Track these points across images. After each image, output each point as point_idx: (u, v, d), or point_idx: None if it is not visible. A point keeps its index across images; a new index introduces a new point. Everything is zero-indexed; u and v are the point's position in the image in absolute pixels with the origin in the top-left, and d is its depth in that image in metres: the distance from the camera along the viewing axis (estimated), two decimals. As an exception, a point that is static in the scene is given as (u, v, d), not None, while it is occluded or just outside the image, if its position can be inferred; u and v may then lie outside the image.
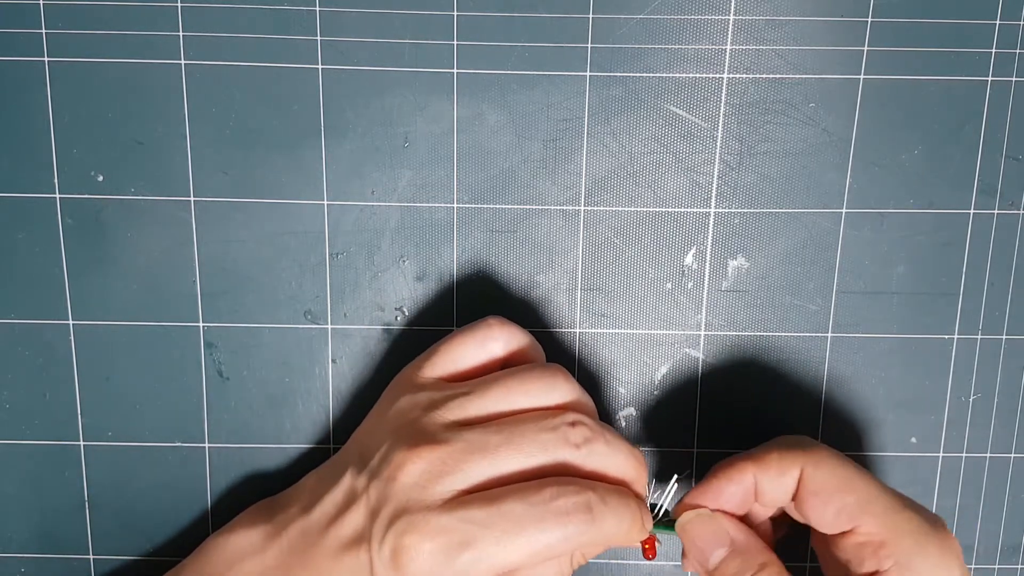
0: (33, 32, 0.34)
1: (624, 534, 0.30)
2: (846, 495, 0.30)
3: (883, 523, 0.29)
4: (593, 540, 0.29)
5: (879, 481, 0.30)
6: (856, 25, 0.35)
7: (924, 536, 0.29)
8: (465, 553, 0.28)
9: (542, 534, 0.28)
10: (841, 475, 0.30)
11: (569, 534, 0.28)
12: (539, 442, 0.29)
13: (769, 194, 0.36)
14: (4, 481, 0.37)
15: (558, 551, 0.28)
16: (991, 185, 0.36)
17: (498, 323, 0.32)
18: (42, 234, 0.36)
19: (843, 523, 0.30)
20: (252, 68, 0.35)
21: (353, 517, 0.30)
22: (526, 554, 0.28)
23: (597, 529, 0.29)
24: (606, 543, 0.30)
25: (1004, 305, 0.37)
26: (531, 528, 0.28)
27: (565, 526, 0.28)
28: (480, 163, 0.35)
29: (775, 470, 0.30)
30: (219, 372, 0.37)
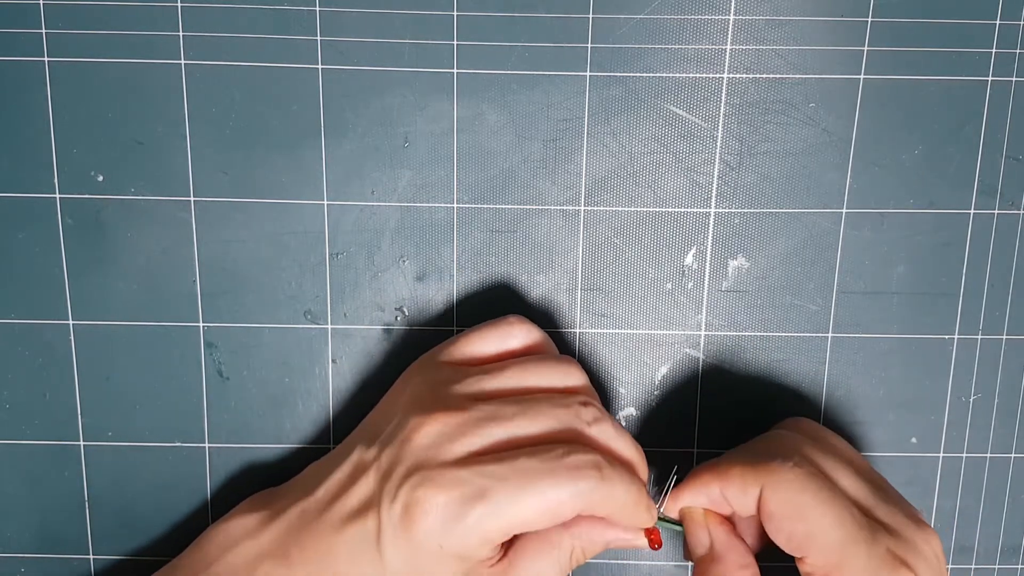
0: (33, 32, 0.34)
1: (631, 507, 0.30)
2: (797, 523, 0.30)
3: (831, 557, 0.29)
4: (603, 501, 0.29)
5: (841, 507, 0.29)
6: (856, 25, 0.35)
7: (872, 574, 0.29)
8: (479, 506, 0.28)
9: (554, 489, 0.28)
10: (796, 502, 0.30)
11: (580, 490, 0.28)
12: (552, 415, 0.30)
13: (769, 194, 0.36)
14: (4, 481, 0.37)
15: (568, 508, 0.28)
16: (991, 185, 0.36)
17: (518, 320, 0.33)
18: (42, 234, 0.36)
19: (793, 550, 0.30)
20: (252, 68, 0.35)
21: (361, 487, 0.30)
22: (538, 509, 0.28)
23: (607, 490, 0.29)
24: (614, 511, 0.30)
25: (1004, 305, 0.37)
26: (544, 482, 0.28)
27: (576, 482, 0.28)
28: (480, 163, 0.35)
29: (736, 487, 0.31)
30: (219, 372, 0.37)
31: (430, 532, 0.28)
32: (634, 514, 0.30)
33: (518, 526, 0.29)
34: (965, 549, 0.38)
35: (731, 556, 0.31)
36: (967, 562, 0.38)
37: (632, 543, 0.32)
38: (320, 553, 0.30)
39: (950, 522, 0.38)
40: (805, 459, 0.31)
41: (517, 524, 0.28)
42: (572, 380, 0.32)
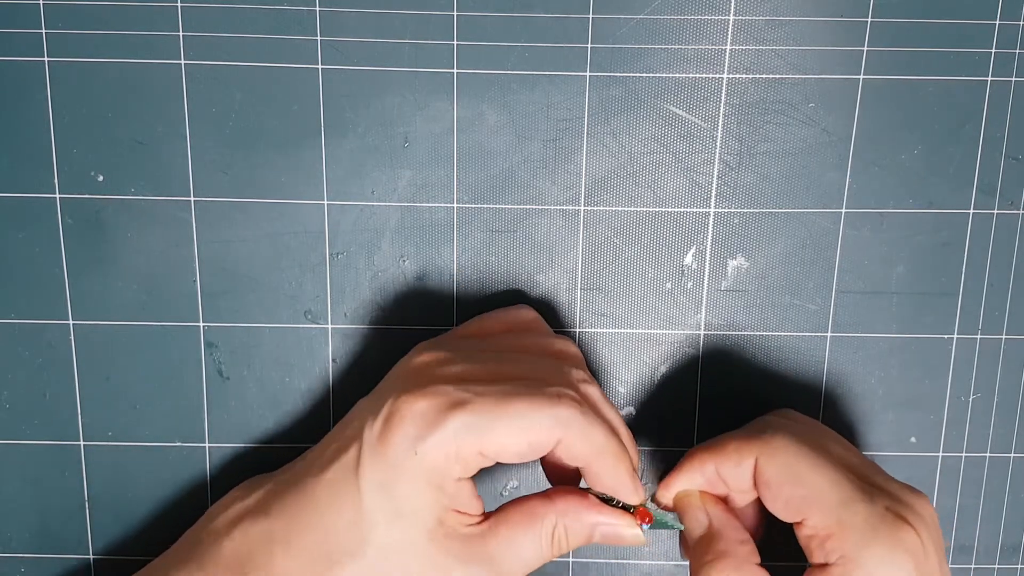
0: (33, 32, 0.34)
1: (612, 460, 0.30)
2: (795, 487, 0.30)
3: (829, 517, 0.29)
4: (582, 436, 0.29)
5: (836, 470, 0.30)
6: (856, 25, 0.35)
7: (872, 530, 0.29)
8: (458, 414, 0.28)
9: (534, 410, 0.28)
10: (792, 467, 0.30)
11: (560, 416, 0.28)
12: (543, 367, 0.30)
13: (769, 194, 0.36)
14: (4, 481, 0.37)
15: (546, 434, 0.28)
16: (991, 185, 0.36)
17: (527, 308, 0.34)
18: (42, 234, 0.36)
19: (792, 515, 0.30)
20: (252, 68, 0.35)
21: (347, 431, 0.31)
22: (516, 428, 0.28)
23: (587, 426, 0.29)
24: (593, 457, 0.29)
25: (1004, 305, 0.37)
26: (525, 402, 0.28)
27: (556, 407, 0.28)
28: (480, 163, 0.35)
29: (732, 460, 0.31)
30: (219, 372, 0.37)
31: (406, 436, 0.28)
32: (615, 471, 0.30)
33: (494, 445, 0.28)
34: (965, 548, 0.38)
35: (729, 532, 0.31)
36: (967, 561, 0.38)
37: (619, 531, 0.31)
38: (300, 504, 0.30)
39: (950, 522, 0.38)
40: (796, 432, 0.31)
41: (494, 442, 0.28)
42: (569, 350, 0.32)
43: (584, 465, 0.30)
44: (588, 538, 0.31)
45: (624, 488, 0.30)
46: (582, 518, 0.30)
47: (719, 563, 0.31)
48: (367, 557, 0.29)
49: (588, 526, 0.30)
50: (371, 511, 0.29)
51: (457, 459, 0.29)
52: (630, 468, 0.30)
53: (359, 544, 0.29)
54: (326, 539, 0.30)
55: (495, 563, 0.30)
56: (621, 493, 0.30)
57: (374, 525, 0.29)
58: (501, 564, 0.30)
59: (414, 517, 0.29)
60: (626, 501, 0.30)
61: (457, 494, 0.29)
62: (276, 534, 0.30)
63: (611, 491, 0.30)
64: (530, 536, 0.30)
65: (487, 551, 0.30)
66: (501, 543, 0.30)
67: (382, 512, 0.29)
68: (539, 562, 0.30)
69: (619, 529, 0.31)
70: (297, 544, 0.30)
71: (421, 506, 0.29)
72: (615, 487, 0.30)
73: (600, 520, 0.30)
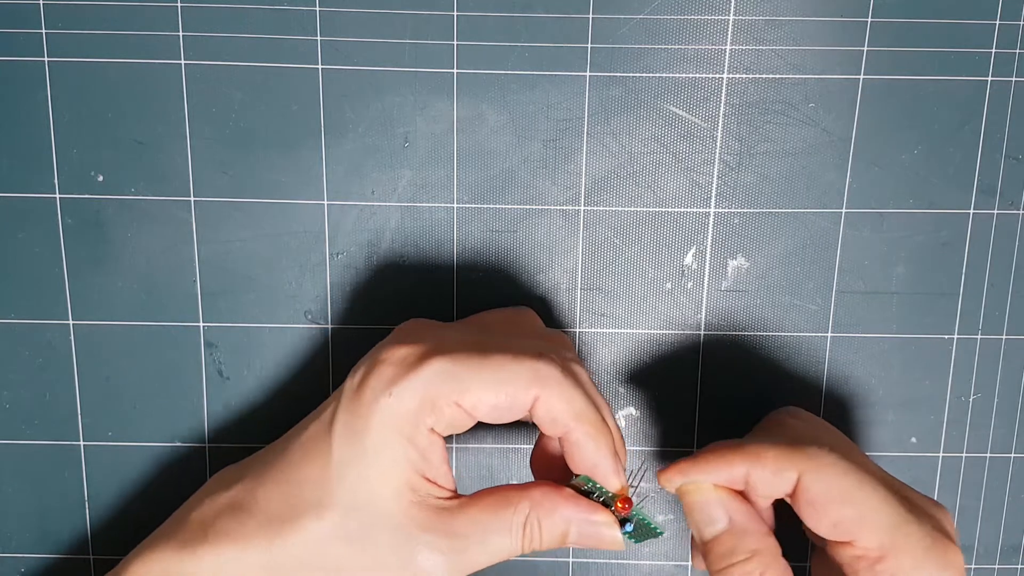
0: (33, 32, 0.34)
1: (591, 429, 0.29)
2: (845, 507, 0.29)
3: (882, 539, 0.28)
4: (560, 397, 0.28)
5: (884, 487, 0.29)
6: (856, 25, 0.35)
7: (924, 552, 0.28)
8: (436, 359, 0.28)
9: (513, 363, 0.28)
10: (842, 486, 0.29)
11: (540, 372, 0.28)
12: (531, 346, 0.30)
13: (769, 194, 0.36)
14: (4, 481, 0.37)
15: (523, 389, 0.28)
16: (991, 185, 0.36)
17: (526, 308, 0.34)
18: (42, 234, 0.36)
19: (840, 535, 0.29)
20: (252, 68, 0.35)
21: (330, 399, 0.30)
22: (493, 379, 0.28)
23: (566, 387, 0.28)
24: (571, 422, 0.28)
25: (1004, 305, 0.37)
26: (504, 355, 0.28)
27: (537, 364, 0.28)
28: (480, 163, 0.35)
29: (770, 470, 0.29)
30: (219, 372, 0.37)
31: (383, 378, 0.28)
32: (596, 442, 0.29)
33: (471, 395, 0.28)
34: (965, 549, 0.38)
35: (755, 526, 0.30)
36: (967, 562, 0.38)
37: (596, 529, 0.29)
38: (271, 465, 0.30)
39: (950, 522, 0.38)
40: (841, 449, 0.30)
41: (470, 391, 0.28)
42: (562, 339, 0.32)
43: (564, 432, 0.29)
44: (563, 536, 0.29)
45: (604, 464, 0.29)
46: (557, 509, 0.29)
47: (755, 560, 0.29)
48: (329, 512, 0.29)
49: (563, 520, 0.29)
50: (340, 463, 0.29)
51: (432, 408, 0.28)
52: (611, 444, 0.29)
53: (324, 499, 0.29)
54: (291, 493, 0.29)
55: (460, 544, 0.28)
56: (600, 470, 0.29)
57: (341, 479, 0.28)
58: (466, 546, 0.29)
59: (382, 474, 0.28)
60: (606, 483, 0.29)
61: (429, 453, 0.28)
62: (244, 499, 0.30)
63: (590, 468, 0.29)
64: (501, 521, 0.29)
65: (454, 529, 0.28)
66: (469, 524, 0.29)
67: (350, 465, 0.28)
68: (506, 553, 0.29)
69: (597, 528, 0.29)
70: (264, 502, 0.30)
71: (390, 461, 0.28)
72: (595, 462, 0.29)
73: (576, 514, 0.29)
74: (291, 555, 0.29)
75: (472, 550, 0.29)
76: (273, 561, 0.29)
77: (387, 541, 0.28)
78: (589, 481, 0.29)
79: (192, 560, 0.30)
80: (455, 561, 0.28)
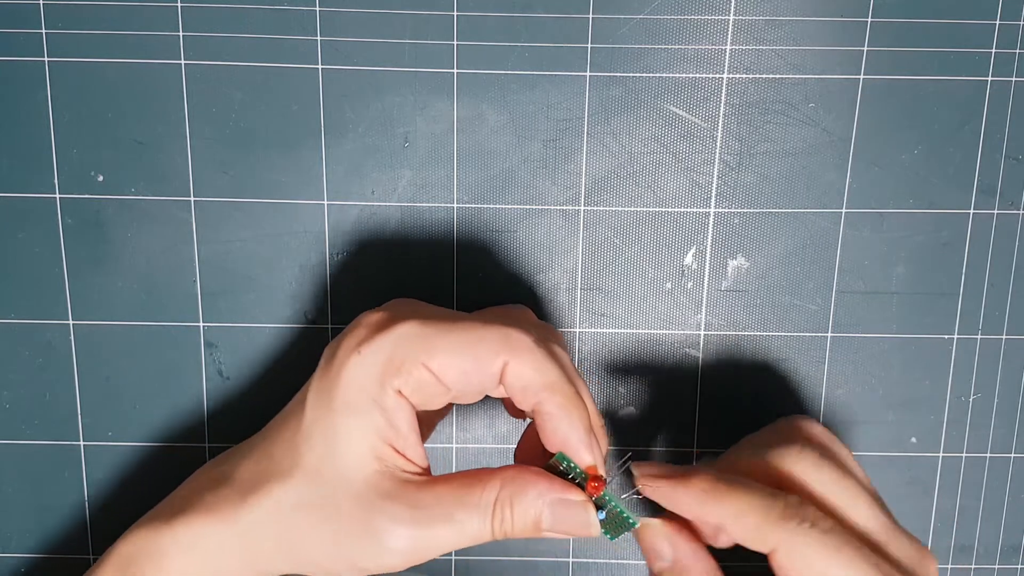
0: (33, 32, 0.34)
1: (563, 400, 0.28)
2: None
3: None
4: (531, 362, 0.28)
5: (863, 565, 0.27)
6: (856, 25, 0.35)
7: None
8: (409, 321, 0.28)
9: (484, 329, 0.28)
10: (818, 567, 0.27)
11: (509, 337, 0.28)
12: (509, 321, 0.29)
13: (769, 194, 0.36)
14: (4, 481, 0.37)
15: (492, 354, 0.27)
16: (991, 185, 0.36)
17: (526, 308, 0.33)
18: (42, 234, 0.36)
19: None
20: (252, 68, 0.35)
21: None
22: (463, 340, 0.28)
23: (538, 355, 0.28)
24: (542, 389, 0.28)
25: (1004, 305, 0.37)
26: (477, 321, 0.28)
27: (507, 330, 0.28)
28: (480, 163, 0.35)
29: (748, 536, 0.28)
30: (219, 372, 0.37)
31: (355, 338, 0.28)
32: (568, 414, 0.28)
33: (439, 357, 0.27)
34: (965, 549, 0.38)
35: (700, 566, 0.30)
36: (967, 562, 0.38)
37: (570, 508, 0.28)
38: (251, 441, 0.31)
39: (950, 522, 0.38)
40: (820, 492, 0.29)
41: (438, 353, 0.27)
42: (551, 329, 0.32)
43: (535, 403, 0.28)
44: (536, 521, 0.28)
45: (575, 437, 0.28)
46: (529, 487, 0.28)
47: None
48: (294, 479, 0.28)
49: (535, 498, 0.28)
50: (309, 424, 0.28)
51: (399, 369, 0.27)
52: (584, 418, 0.28)
53: (292, 466, 0.29)
54: (264, 462, 0.29)
55: (424, 517, 0.27)
56: (571, 443, 0.28)
57: (310, 444, 0.28)
58: (431, 521, 0.27)
59: (347, 438, 0.28)
60: (577, 457, 0.28)
61: (396, 419, 0.28)
62: (224, 471, 0.30)
63: (562, 442, 0.28)
64: (470, 497, 0.28)
65: (419, 501, 0.28)
66: (436, 498, 0.28)
67: (318, 426, 0.28)
68: (475, 534, 0.28)
69: (570, 508, 0.28)
70: (240, 472, 0.30)
71: (356, 425, 0.28)
72: (566, 435, 0.28)
73: (549, 491, 0.28)
74: (258, 523, 0.29)
75: (437, 526, 0.27)
76: (243, 531, 0.29)
77: (349, 509, 0.28)
78: (564, 460, 0.28)
79: (169, 534, 0.30)
80: (418, 537, 0.27)
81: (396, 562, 0.28)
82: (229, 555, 0.29)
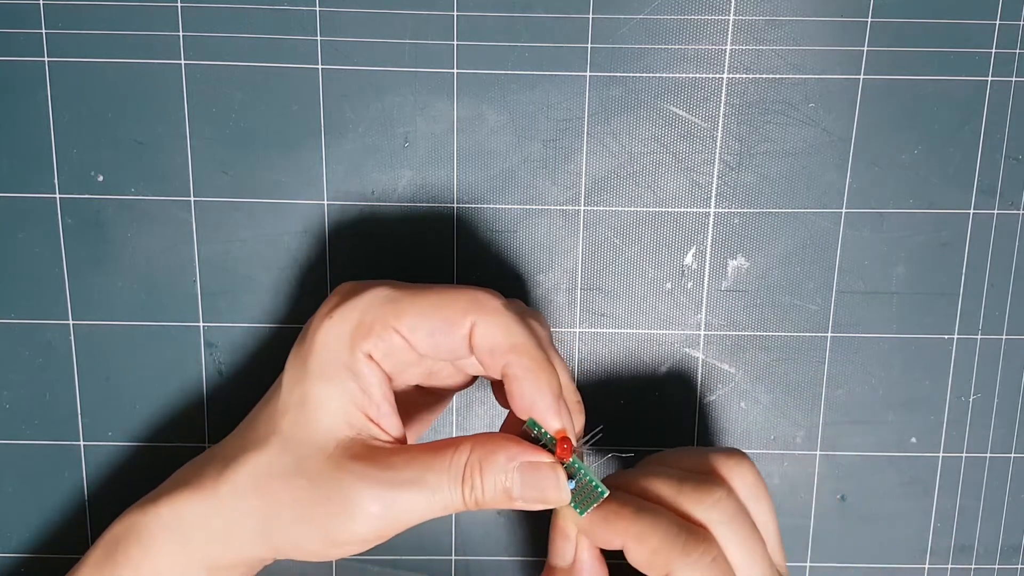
0: (33, 32, 0.34)
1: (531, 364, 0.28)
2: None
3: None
4: (498, 327, 0.28)
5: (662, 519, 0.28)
6: (856, 25, 0.35)
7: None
8: (380, 286, 0.28)
9: (453, 290, 0.28)
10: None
11: (477, 298, 0.28)
12: None
13: (769, 194, 0.36)
14: (4, 481, 0.37)
15: (460, 313, 0.28)
16: (991, 185, 0.36)
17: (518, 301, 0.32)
18: (42, 234, 0.36)
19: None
20: (252, 68, 0.35)
21: None
22: (430, 303, 0.28)
23: (507, 317, 0.28)
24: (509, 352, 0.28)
25: (1004, 305, 0.37)
26: (446, 287, 0.29)
27: (476, 292, 0.28)
28: (480, 163, 0.35)
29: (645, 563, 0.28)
30: (219, 372, 0.37)
31: (328, 305, 0.29)
32: (535, 378, 0.28)
33: (407, 318, 0.28)
34: (965, 549, 0.38)
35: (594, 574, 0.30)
36: (967, 562, 0.38)
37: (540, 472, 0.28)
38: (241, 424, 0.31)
39: (950, 522, 0.38)
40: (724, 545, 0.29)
41: (407, 315, 0.28)
42: (537, 313, 0.32)
43: (503, 366, 0.28)
44: (506, 490, 0.28)
45: (543, 401, 0.28)
46: (499, 450, 0.27)
47: None
48: (270, 446, 0.29)
49: (505, 463, 0.27)
50: (286, 393, 0.29)
51: (369, 331, 0.28)
52: (553, 383, 0.28)
53: (268, 433, 0.29)
54: (246, 433, 0.30)
55: (393, 478, 0.27)
56: (539, 408, 0.28)
57: (285, 411, 0.29)
58: (399, 482, 0.27)
59: (319, 403, 0.28)
60: (545, 422, 0.28)
61: (368, 385, 0.28)
62: (211, 452, 0.31)
63: (529, 407, 0.28)
64: (440, 461, 0.27)
65: (388, 462, 0.27)
66: (406, 461, 0.27)
67: (294, 395, 0.29)
68: (445, 502, 0.27)
69: (540, 472, 0.28)
70: (223, 448, 0.30)
71: (328, 390, 0.28)
72: (533, 400, 0.28)
73: (519, 453, 0.27)
74: (236, 495, 0.29)
75: (408, 489, 0.27)
76: (221, 505, 0.29)
77: (319, 471, 0.28)
78: (535, 426, 0.28)
79: (153, 512, 0.30)
80: (388, 499, 0.27)
81: (367, 529, 0.27)
82: (208, 533, 0.29)
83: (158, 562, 0.30)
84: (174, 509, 0.30)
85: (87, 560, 0.31)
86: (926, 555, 0.38)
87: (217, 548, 0.29)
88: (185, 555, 0.30)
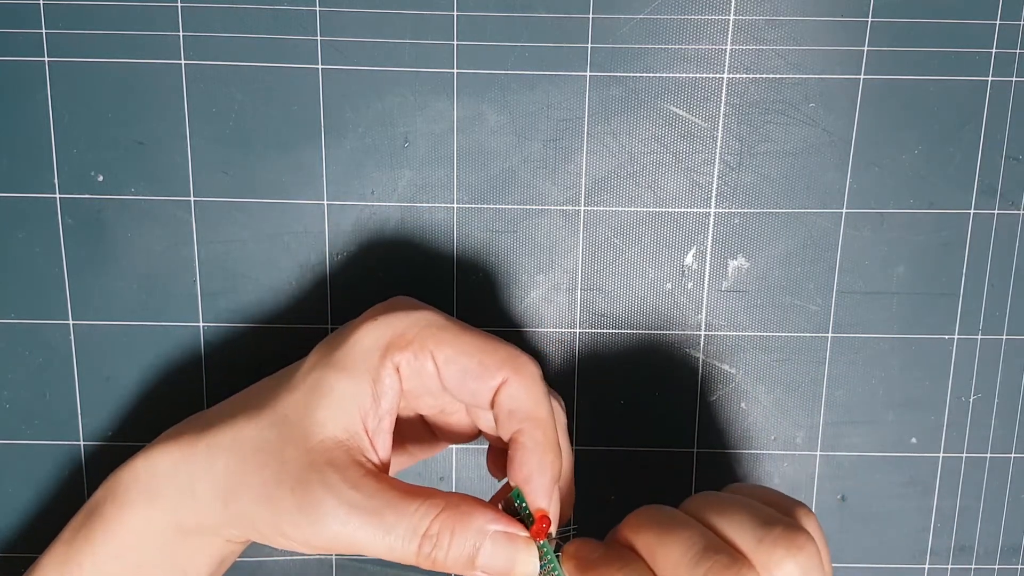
0: (33, 32, 0.34)
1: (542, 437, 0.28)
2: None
3: None
4: (528, 389, 0.28)
5: None
6: (856, 25, 0.35)
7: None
8: (430, 310, 0.29)
9: (498, 341, 0.29)
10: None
11: (518, 359, 0.28)
12: None
13: (769, 194, 0.36)
14: (4, 481, 0.37)
15: (495, 367, 0.28)
16: (991, 185, 0.36)
17: None
18: (42, 234, 0.36)
19: None
20: (252, 68, 0.35)
21: None
22: (474, 343, 0.28)
23: (536, 384, 0.28)
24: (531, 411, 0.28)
25: (1004, 305, 0.37)
26: (490, 339, 0.29)
27: (518, 352, 0.29)
28: (480, 163, 0.35)
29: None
30: (219, 372, 0.37)
31: (376, 310, 0.29)
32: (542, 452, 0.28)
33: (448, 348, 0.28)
34: (965, 549, 0.38)
35: None
36: (967, 562, 0.38)
37: (514, 545, 0.27)
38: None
39: (950, 522, 0.38)
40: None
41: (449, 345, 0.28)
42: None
43: (516, 432, 0.28)
44: (472, 554, 0.27)
45: (540, 480, 0.28)
46: (476, 514, 0.27)
47: None
48: (261, 417, 0.29)
49: (479, 528, 0.27)
50: (302, 374, 0.29)
51: (407, 345, 0.28)
52: (557, 466, 0.28)
53: (263, 403, 0.29)
54: (246, 400, 0.30)
55: (356, 505, 0.26)
56: (534, 483, 0.28)
57: (293, 389, 0.29)
58: (359, 513, 0.26)
59: (329, 395, 0.28)
60: (534, 497, 0.28)
61: (381, 398, 0.28)
62: (202, 413, 0.32)
63: (526, 477, 0.28)
64: (406, 507, 0.27)
65: (360, 486, 0.27)
66: (374, 492, 0.27)
67: (309, 377, 0.28)
68: (393, 547, 0.26)
69: (513, 545, 0.27)
70: (219, 410, 0.31)
71: (342, 387, 0.28)
72: (531, 473, 0.28)
73: (495, 523, 0.27)
74: (212, 454, 0.29)
75: (363, 518, 0.26)
76: (196, 457, 0.29)
77: (293, 459, 0.27)
78: (520, 499, 0.28)
79: (129, 467, 0.31)
80: (342, 519, 0.26)
81: (312, 536, 0.27)
82: (177, 487, 0.29)
83: (130, 519, 0.30)
84: (149, 462, 0.30)
85: (69, 524, 0.32)
86: (926, 555, 0.38)
87: (183, 505, 0.29)
88: (155, 511, 0.30)
